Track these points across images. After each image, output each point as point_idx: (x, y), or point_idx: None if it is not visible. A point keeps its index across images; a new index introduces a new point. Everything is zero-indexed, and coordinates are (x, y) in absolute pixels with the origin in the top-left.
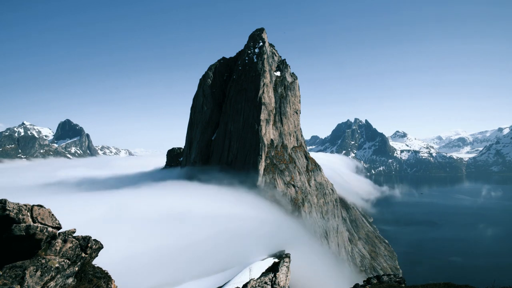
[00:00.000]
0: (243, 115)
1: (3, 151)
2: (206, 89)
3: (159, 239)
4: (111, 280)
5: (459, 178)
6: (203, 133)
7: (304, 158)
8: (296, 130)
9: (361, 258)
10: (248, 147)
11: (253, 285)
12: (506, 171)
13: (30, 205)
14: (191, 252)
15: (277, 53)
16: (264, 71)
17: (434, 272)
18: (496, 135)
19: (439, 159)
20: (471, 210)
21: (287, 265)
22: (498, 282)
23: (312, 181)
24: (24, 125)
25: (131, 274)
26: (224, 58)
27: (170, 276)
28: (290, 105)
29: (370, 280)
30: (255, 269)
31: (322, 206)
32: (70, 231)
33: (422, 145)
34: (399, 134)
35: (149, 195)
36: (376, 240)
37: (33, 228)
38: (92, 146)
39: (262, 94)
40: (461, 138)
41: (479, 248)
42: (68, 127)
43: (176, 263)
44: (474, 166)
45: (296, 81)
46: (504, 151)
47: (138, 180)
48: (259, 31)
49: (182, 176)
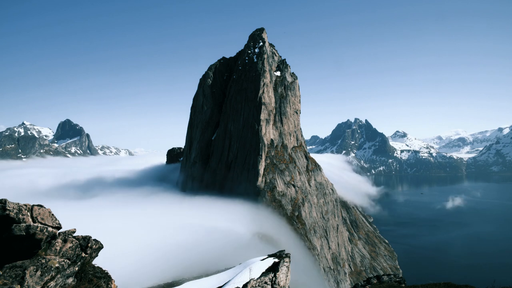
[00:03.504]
0: (243, 115)
1: (3, 151)
2: (206, 89)
3: (159, 239)
4: (111, 280)
5: (459, 178)
6: (203, 133)
7: (304, 158)
8: (296, 130)
9: (361, 258)
10: (248, 147)
11: (253, 285)
12: (506, 171)
13: (30, 205)
14: (191, 252)
15: (277, 53)
16: (264, 71)
17: (434, 272)
18: (496, 135)
19: (439, 159)
20: (471, 210)
21: (287, 265)
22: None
23: (312, 181)
24: (24, 125)
25: (131, 274)
26: (224, 58)
27: (170, 276)
28: (290, 105)
29: (370, 280)
30: (255, 269)
31: (322, 206)
32: (70, 231)
33: (422, 145)
34: (399, 134)
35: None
36: (376, 240)
37: (33, 228)
38: (92, 146)
39: (262, 94)
40: (461, 138)
41: (479, 248)
42: (68, 127)
43: (176, 263)
44: (474, 166)
45: (296, 81)
46: (504, 151)
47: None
48: (259, 31)
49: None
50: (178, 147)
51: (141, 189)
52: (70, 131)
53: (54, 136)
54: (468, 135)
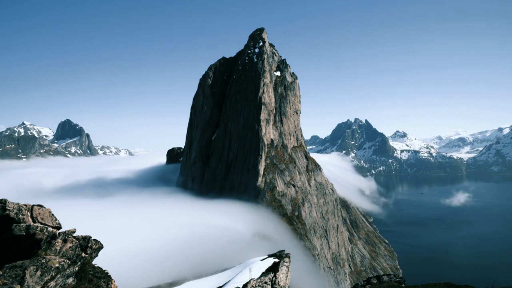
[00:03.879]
0: (243, 115)
1: (3, 151)
2: (206, 89)
3: (159, 239)
4: (111, 280)
5: (459, 178)
6: (203, 133)
7: (304, 158)
8: (296, 130)
9: (361, 258)
10: (248, 147)
11: (253, 285)
12: (506, 171)
13: (30, 205)
14: (192, 252)
15: (277, 53)
16: (264, 71)
17: (434, 272)
18: (496, 135)
19: (439, 159)
20: (471, 210)
21: (287, 265)
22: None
23: (312, 181)
24: (24, 125)
25: (131, 274)
26: (224, 58)
27: (170, 276)
28: (290, 105)
29: (370, 280)
30: (255, 269)
31: (322, 206)
32: (70, 231)
33: (422, 145)
34: (399, 134)
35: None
36: (376, 240)
37: (33, 228)
38: (92, 146)
39: (262, 94)
40: (461, 138)
41: (479, 248)
42: (68, 127)
43: (176, 263)
44: (474, 166)
45: (296, 81)
46: (504, 151)
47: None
48: (259, 31)
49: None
50: (178, 147)
51: (141, 189)
52: (70, 131)
53: (54, 136)
54: (468, 135)
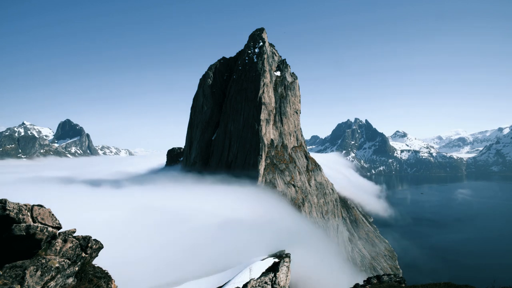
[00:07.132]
0: (243, 115)
1: (3, 151)
2: (206, 89)
3: (159, 239)
4: (111, 280)
5: (459, 178)
6: (203, 133)
7: (304, 158)
8: (296, 130)
9: (361, 258)
10: (248, 147)
11: (253, 285)
12: (506, 171)
13: (30, 205)
14: (191, 252)
15: (277, 53)
16: (264, 71)
17: (434, 272)
18: (496, 135)
19: (439, 159)
20: (471, 210)
21: (287, 265)
22: (498, 282)
23: (312, 181)
24: (24, 125)
25: (131, 274)
26: (224, 58)
27: (170, 276)
28: (290, 105)
29: (370, 280)
30: (255, 269)
31: (322, 206)
32: (70, 231)
33: (422, 145)
34: (399, 134)
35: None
36: (376, 240)
37: (33, 228)
38: (92, 146)
39: (262, 94)
40: (461, 138)
41: (479, 248)
42: (68, 127)
43: (176, 263)
44: (474, 166)
45: (296, 81)
46: (504, 151)
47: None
48: (259, 31)
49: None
50: (178, 147)
51: (141, 189)
52: (70, 131)
53: (54, 136)
54: (468, 135)
